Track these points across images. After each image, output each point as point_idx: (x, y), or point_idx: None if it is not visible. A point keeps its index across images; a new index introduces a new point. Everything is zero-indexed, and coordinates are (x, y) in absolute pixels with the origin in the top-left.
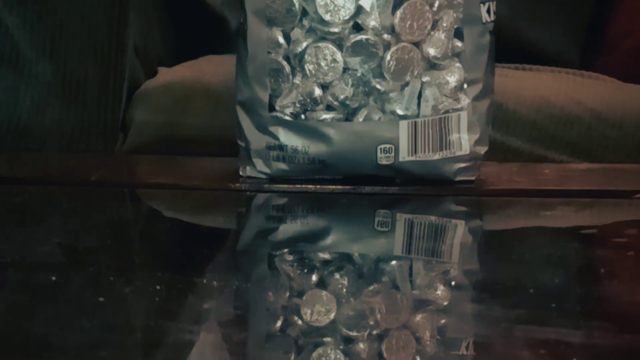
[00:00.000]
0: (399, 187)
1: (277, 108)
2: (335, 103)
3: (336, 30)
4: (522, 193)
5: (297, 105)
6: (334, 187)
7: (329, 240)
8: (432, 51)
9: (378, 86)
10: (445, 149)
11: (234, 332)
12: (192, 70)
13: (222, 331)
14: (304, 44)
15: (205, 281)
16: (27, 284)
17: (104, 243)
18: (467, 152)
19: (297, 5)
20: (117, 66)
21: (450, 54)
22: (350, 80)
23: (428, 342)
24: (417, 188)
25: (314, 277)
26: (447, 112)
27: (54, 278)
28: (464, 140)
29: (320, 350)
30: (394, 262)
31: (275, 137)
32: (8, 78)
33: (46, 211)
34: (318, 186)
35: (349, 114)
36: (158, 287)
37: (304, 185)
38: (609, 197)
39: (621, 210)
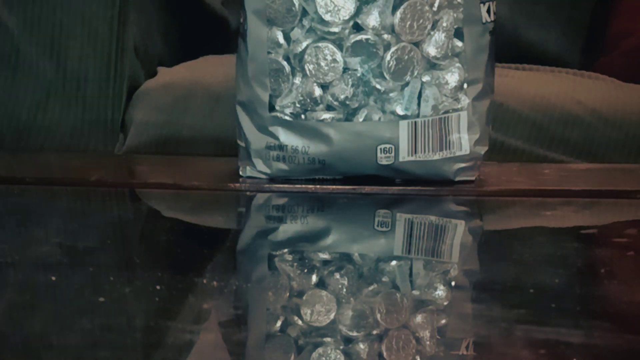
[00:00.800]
0: (399, 187)
1: (277, 108)
2: (335, 103)
3: (336, 30)
4: (522, 193)
5: (297, 105)
6: (334, 187)
7: (329, 240)
8: (432, 51)
9: (378, 86)
10: (445, 149)
11: (234, 332)
12: (192, 70)
13: (222, 331)
14: (304, 44)
15: (205, 281)
16: (27, 284)
17: (104, 243)
18: (467, 152)
19: (297, 5)
20: (117, 66)
21: (450, 54)
22: (350, 80)
23: (428, 342)
24: (417, 188)
25: (314, 277)
26: (447, 112)
27: (54, 278)
28: (464, 140)
29: (320, 350)
30: (394, 262)
31: (275, 137)
32: (8, 78)
33: (46, 211)
34: (318, 186)
35: (349, 114)
36: (158, 287)
37: (304, 185)
38: (609, 197)
39: (621, 210)
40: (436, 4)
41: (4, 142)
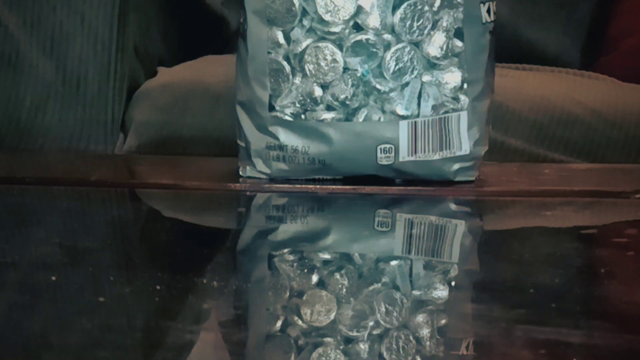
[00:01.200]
0: (399, 187)
1: (277, 108)
2: (335, 103)
3: (336, 30)
4: (522, 193)
5: (297, 105)
6: (334, 187)
7: (329, 240)
8: (432, 51)
9: (378, 86)
10: (445, 149)
11: (234, 332)
12: (192, 70)
13: (222, 331)
14: (304, 44)
15: (205, 281)
16: (27, 284)
17: (104, 243)
18: (467, 152)
19: (297, 5)
20: (117, 66)
21: (450, 54)
22: (350, 80)
23: (428, 342)
24: (417, 188)
25: (314, 277)
26: (447, 112)
27: (54, 278)
28: (464, 140)
29: (320, 350)
30: (394, 262)
31: (275, 137)
32: (8, 78)
33: (46, 211)
34: (318, 186)
35: (349, 114)
36: (158, 287)
37: (304, 186)
38: (609, 197)
39: (621, 210)
40: (436, 4)
41: (4, 142)
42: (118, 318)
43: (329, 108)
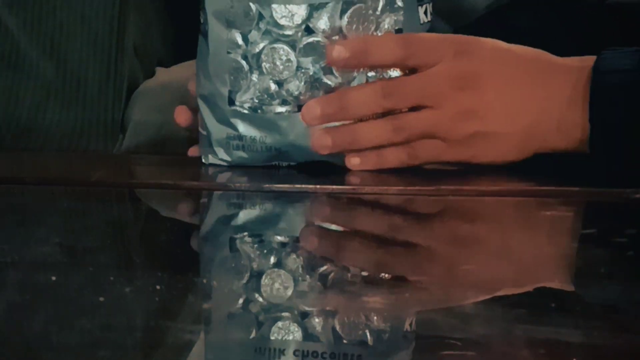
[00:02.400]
0: (399, 187)
1: (236, 103)
2: (290, 98)
3: (290, 33)
4: (522, 193)
5: (255, 100)
6: (333, 187)
7: (329, 239)
8: None
9: (328, 82)
10: None
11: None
12: (190, 70)
13: (222, 331)
14: (261, 45)
15: (205, 281)
16: (27, 284)
17: (104, 243)
18: None
19: (254, 10)
20: (117, 66)
21: None
22: (303, 77)
23: (428, 342)
24: (417, 188)
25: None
26: None
27: (54, 278)
28: None
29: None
30: (393, 262)
31: (235, 129)
32: (8, 78)
33: (46, 211)
34: (318, 186)
35: (301, 107)
36: (158, 287)
37: (303, 185)
38: (609, 197)
39: (621, 210)
40: (379, 8)
41: (4, 142)
42: (118, 318)
43: (284, 102)
